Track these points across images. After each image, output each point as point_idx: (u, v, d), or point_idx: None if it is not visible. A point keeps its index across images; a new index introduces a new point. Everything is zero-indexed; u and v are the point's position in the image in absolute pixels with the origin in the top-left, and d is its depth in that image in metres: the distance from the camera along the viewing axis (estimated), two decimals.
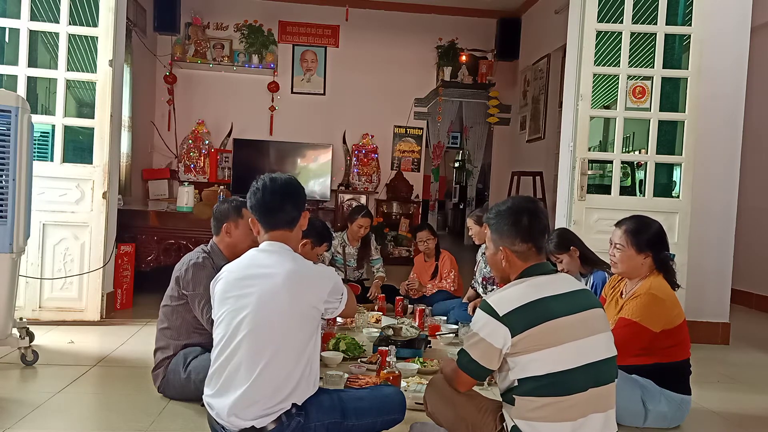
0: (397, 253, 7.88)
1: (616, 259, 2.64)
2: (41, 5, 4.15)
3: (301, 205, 2.09)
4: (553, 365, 1.76)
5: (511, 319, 1.77)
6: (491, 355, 1.82)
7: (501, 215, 1.95)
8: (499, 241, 1.94)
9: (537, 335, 1.76)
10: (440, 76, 8.24)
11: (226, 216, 2.69)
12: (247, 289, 1.93)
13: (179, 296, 2.61)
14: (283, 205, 2.03)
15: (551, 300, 1.82)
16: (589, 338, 1.82)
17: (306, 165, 7.81)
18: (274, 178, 2.06)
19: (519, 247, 1.91)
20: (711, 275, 4.30)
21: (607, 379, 1.84)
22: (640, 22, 4.12)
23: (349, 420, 2.02)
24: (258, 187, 2.04)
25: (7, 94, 2.96)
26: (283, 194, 2.03)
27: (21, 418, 2.39)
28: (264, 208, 2.03)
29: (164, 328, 2.65)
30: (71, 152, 4.24)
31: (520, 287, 1.86)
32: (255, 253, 2.06)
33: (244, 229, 2.66)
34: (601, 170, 7.13)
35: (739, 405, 3.05)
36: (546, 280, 1.89)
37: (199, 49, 7.77)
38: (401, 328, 3.45)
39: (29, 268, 3.79)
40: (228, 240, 2.70)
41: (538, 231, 1.92)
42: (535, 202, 2.01)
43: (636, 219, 2.67)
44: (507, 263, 1.94)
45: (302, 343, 1.93)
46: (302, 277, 1.96)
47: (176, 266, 2.67)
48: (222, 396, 1.93)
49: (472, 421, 1.96)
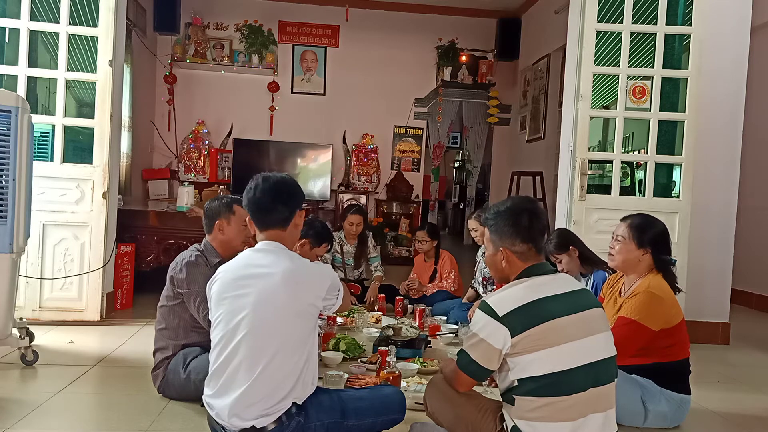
0: (396, 253, 7.88)
1: (615, 251, 2.65)
2: (41, 5, 4.15)
3: (294, 204, 2.07)
4: (552, 365, 1.76)
5: (510, 320, 1.78)
6: (491, 356, 1.82)
7: (500, 216, 1.95)
8: (499, 241, 1.94)
9: (537, 335, 1.76)
10: (440, 76, 8.24)
11: (218, 213, 2.70)
12: (245, 289, 1.93)
13: (175, 296, 2.61)
14: (275, 205, 2.02)
15: (551, 300, 1.82)
16: (588, 338, 1.82)
17: (306, 165, 7.81)
18: (267, 177, 2.06)
19: (519, 248, 1.91)
20: (711, 275, 4.30)
21: (606, 379, 1.84)
22: (640, 22, 4.12)
23: (349, 420, 2.02)
24: (251, 187, 2.05)
25: (7, 94, 2.96)
26: (274, 193, 2.03)
27: (21, 418, 2.39)
28: (256, 207, 2.04)
29: (162, 328, 2.66)
30: (71, 152, 4.24)
31: (520, 287, 1.86)
32: (251, 253, 2.05)
33: (236, 225, 2.68)
34: (600, 170, 7.12)
35: (739, 405, 3.05)
36: (545, 280, 1.89)
37: (199, 49, 7.77)
38: (401, 328, 3.45)
39: (29, 268, 3.79)
40: (221, 237, 2.70)
41: (538, 231, 1.92)
42: (534, 202, 2.02)
43: (642, 216, 2.68)
44: (507, 264, 1.94)
45: (301, 341, 1.93)
46: (300, 276, 1.96)
47: (170, 266, 2.68)
48: (222, 396, 1.93)
49: (472, 421, 1.96)
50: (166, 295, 2.65)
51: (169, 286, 2.64)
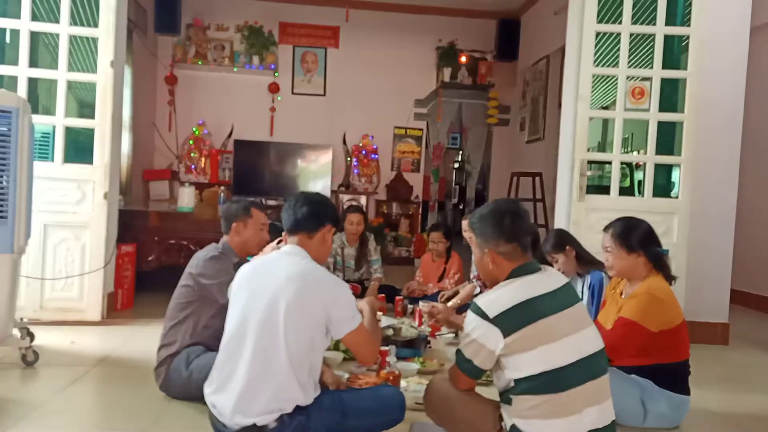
0: (397, 253, 7.89)
1: (610, 263, 2.66)
2: (42, 6, 4.16)
3: (323, 213, 2.15)
4: (548, 363, 1.78)
5: (502, 321, 1.81)
6: (485, 356, 1.85)
7: (484, 218, 1.99)
8: (485, 244, 1.98)
9: (529, 335, 1.79)
10: (440, 77, 8.24)
11: (235, 215, 2.75)
12: (260, 287, 1.98)
13: (192, 292, 2.63)
14: (303, 210, 2.11)
15: (540, 299, 1.85)
16: (578, 333, 1.86)
17: (306, 166, 7.81)
18: (305, 191, 2.23)
19: (504, 248, 1.94)
20: (710, 275, 4.31)
21: (600, 372, 1.87)
22: (639, 22, 4.13)
23: (349, 420, 2.03)
24: (289, 199, 2.19)
25: (7, 94, 2.97)
26: (305, 201, 2.14)
27: (21, 419, 2.40)
28: (287, 211, 2.14)
29: (172, 325, 2.66)
30: (72, 153, 4.24)
31: (509, 288, 1.89)
32: (274, 254, 2.15)
33: (252, 228, 2.74)
34: (600, 171, 7.14)
35: (738, 405, 3.05)
36: (534, 279, 1.92)
37: (199, 50, 7.78)
38: (401, 328, 3.46)
39: (30, 269, 3.79)
40: (237, 239, 2.75)
41: (521, 231, 1.95)
42: (516, 203, 2.06)
43: (622, 221, 2.68)
44: (494, 265, 1.97)
45: (307, 344, 1.94)
46: (314, 279, 1.99)
47: (190, 263, 2.71)
48: (223, 392, 1.95)
49: (472, 420, 1.98)
50: (182, 292, 2.67)
51: (188, 282, 2.66)
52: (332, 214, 2.19)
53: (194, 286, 2.63)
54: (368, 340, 2.08)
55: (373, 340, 2.12)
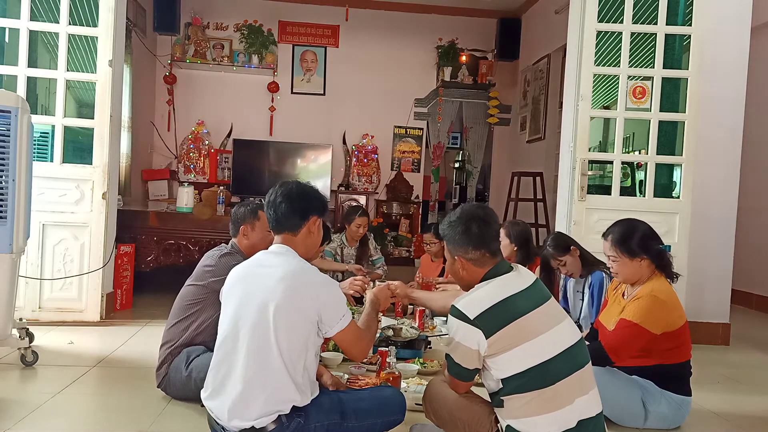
0: (397, 253, 7.87)
1: (616, 270, 2.64)
2: (41, 5, 4.15)
3: (306, 210, 2.07)
4: (532, 359, 1.80)
5: (483, 322, 1.82)
6: (470, 357, 1.87)
7: (452, 225, 2.00)
8: (454, 250, 1.99)
9: (511, 333, 1.81)
10: (440, 76, 8.23)
11: (243, 219, 2.76)
12: (251, 288, 1.96)
13: (201, 290, 2.63)
14: (285, 208, 2.05)
15: (517, 297, 1.87)
16: (557, 327, 1.88)
17: (306, 165, 7.79)
18: (285, 182, 2.12)
19: (472, 255, 1.95)
20: (711, 276, 4.30)
21: (583, 361, 1.90)
22: (640, 22, 4.12)
23: (348, 421, 2.02)
24: (270, 192, 2.10)
25: (6, 94, 2.96)
26: (286, 197, 2.06)
27: (21, 419, 2.39)
28: (270, 210, 2.07)
29: (177, 321, 2.66)
30: (71, 153, 4.24)
31: (486, 289, 1.91)
32: (261, 254, 2.10)
33: (260, 231, 2.75)
34: (601, 171, 7.13)
35: (739, 406, 3.05)
36: (510, 278, 1.94)
37: (198, 49, 7.76)
38: (401, 329, 3.45)
39: (29, 269, 3.79)
40: (245, 242, 2.76)
41: (489, 237, 1.96)
42: (484, 208, 2.05)
43: (620, 226, 2.65)
44: (465, 271, 1.99)
45: (300, 344, 1.92)
46: (304, 277, 1.96)
47: (201, 261, 2.72)
48: (218, 396, 1.94)
49: (470, 422, 1.99)
50: (191, 291, 2.67)
51: (198, 281, 2.65)
52: (316, 205, 2.11)
53: (204, 284, 2.63)
54: (358, 338, 2.04)
55: (364, 337, 2.08)
